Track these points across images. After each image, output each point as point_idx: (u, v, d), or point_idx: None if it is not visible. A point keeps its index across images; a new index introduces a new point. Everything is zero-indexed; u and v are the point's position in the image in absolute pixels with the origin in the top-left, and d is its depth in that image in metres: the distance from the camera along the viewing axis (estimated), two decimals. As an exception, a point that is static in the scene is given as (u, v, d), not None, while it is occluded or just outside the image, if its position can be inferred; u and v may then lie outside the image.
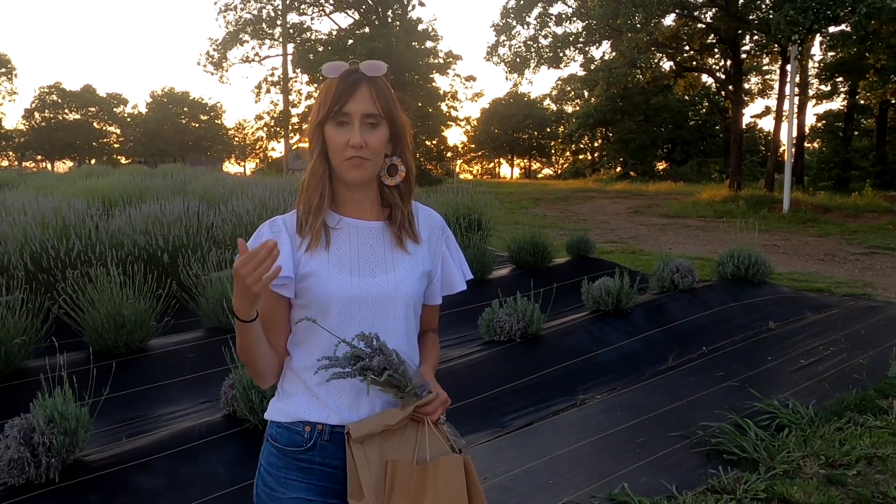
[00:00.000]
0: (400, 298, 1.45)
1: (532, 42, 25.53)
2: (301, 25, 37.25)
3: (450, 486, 1.37)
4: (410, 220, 1.51)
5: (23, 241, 5.77)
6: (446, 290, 1.58)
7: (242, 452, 3.27)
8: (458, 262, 1.60)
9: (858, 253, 10.99)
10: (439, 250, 1.56)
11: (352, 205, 1.48)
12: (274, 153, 53.66)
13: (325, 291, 1.41)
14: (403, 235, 1.49)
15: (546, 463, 3.44)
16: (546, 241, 7.45)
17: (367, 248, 1.46)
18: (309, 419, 1.43)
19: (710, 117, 47.44)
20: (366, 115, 1.40)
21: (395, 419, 1.39)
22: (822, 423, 3.85)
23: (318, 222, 1.43)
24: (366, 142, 1.39)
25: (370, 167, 1.43)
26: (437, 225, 1.57)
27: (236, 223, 7.12)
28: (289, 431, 1.45)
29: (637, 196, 23.87)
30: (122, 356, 4.48)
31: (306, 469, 1.43)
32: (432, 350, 1.59)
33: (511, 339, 4.88)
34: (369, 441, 1.38)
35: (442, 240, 1.57)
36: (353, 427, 1.38)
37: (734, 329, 5.61)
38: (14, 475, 2.84)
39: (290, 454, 1.44)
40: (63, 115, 60.18)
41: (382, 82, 1.44)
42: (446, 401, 1.45)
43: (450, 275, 1.58)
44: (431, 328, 1.64)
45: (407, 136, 1.49)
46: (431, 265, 1.53)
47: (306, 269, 1.42)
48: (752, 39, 25.17)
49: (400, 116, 1.45)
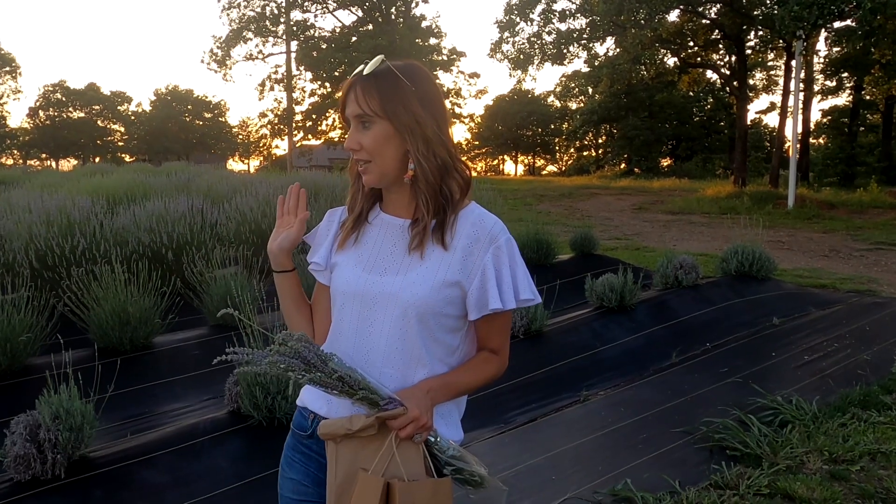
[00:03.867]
0: (400, 302, 1.36)
1: (536, 38, 25.51)
2: (304, 23, 37.24)
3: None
4: (442, 225, 1.39)
5: (28, 239, 5.79)
6: (474, 308, 1.39)
7: (247, 448, 3.28)
8: (500, 279, 1.38)
9: (863, 249, 10.96)
10: (479, 262, 1.38)
11: (389, 202, 1.49)
12: (278, 151, 53.69)
13: (336, 283, 1.48)
14: (426, 238, 1.38)
15: (549, 459, 3.45)
16: (550, 237, 7.46)
17: (390, 245, 1.44)
18: (310, 407, 1.49)
19: (714, 113, 47.29)
20: (357, 117, 1.39)
21: (357, 425, 1.33)
22: (825, 418, 3.84)
23: (351, 218, 1.50)
24: (360, 143, 1.39)
25: (374, 169, 1.40)
26: (483, 234, 1.40)
27: (240, 221, 7.14)
28: (299, 415, 1.53)
29: (641, 193, 23.83)
30: (127, 353, 4.50)
31: (307, 454, 1.49)
32: (460, 369, 1.44)
33: (514, 335, 4.88)
34: (345, 444, 1.35)
35: (487, 251, 1.39)
36: (322, 423, 1.40)
37: (738, 325, 5.60)
38: (20, 471, 2.85)
39: (298, 437, 1.52)
40: (67, 113, 60.29)
41: (375, 79, 1.37)
42: (418, 419, 1.30)
43: (484, 290, 1.38)
44: (486, 346, 1.47)
45: (420, 131, 1.36)
46: (462, 276, 1.38)
47: (335, 259, 1.50)
48: (756, 35, 25.10)
49: (402, 111, 1.35)
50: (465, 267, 1.38)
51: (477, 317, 1.40)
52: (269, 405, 3.32)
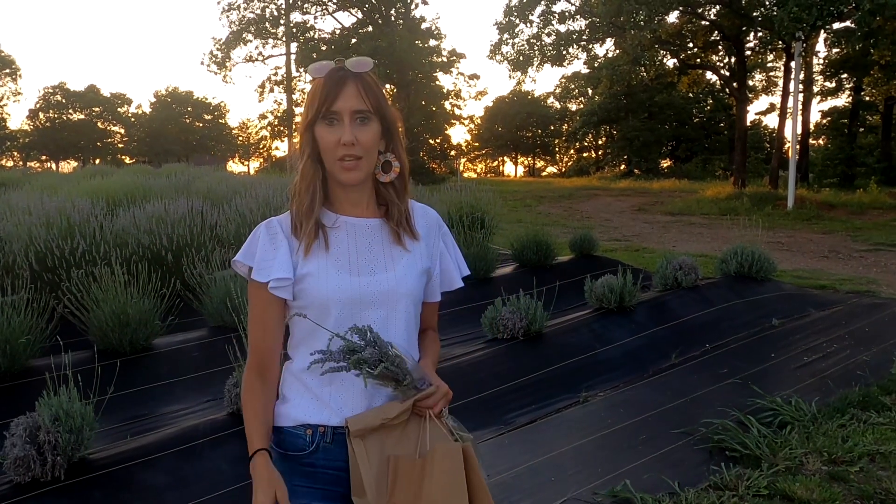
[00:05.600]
0: (401, 296, 1.43)
1: (535, 40, 25.52)
2: (304, 24, 37.27)
3: (447, 475, 1.34)
4: (408, 217, 1.49)
5: (28, 241, 5.79)
6: (444, 287, 1.57)
7: (246, 450, 3.28)
8: (456, 259, 1.58)
9: (863, 250, 10.96)
10: (437, 247, 1.54)
11: (348, 203, 1.46)
12: (278, 152, 53.72)
13: (324, 293, 1.39)
14: (401, 232, 1.47)
15: (549, 460, 3.45)
16: (549, 239, 7.45)
17: (365, 245, 1.45)
18: (310, 421, 1.42)
19: (714, 114, 47.29)
20: (355, 112, 1.38)
21: (394, 412, 1.38)
22: (824, 419, 3.85)
23: (311, 224, 1.41)
24: (357, 138, 1.38)
25: (364, 165, 1.40)
26: (433, 222, 1.55)
27: (240, 222, 7.14)
28: (291, 436, 1.44)
29: (641, 194, 23.84)
30: (126, 355, 4.50)
31: (310, 473, 1.42)
32: (432, 346, 1.58)
33: (514, 336, 4.88)
34: (370, 437, 1.37)
35: (439, 236, 1.55)
36: (352, 421, 1.38)
37: (737, 326, 5.60)
38: (20, 473, 2.85)
39: (294, 459, 1.43)
40: (67, 115, 60.30)
41: (370, 78, 1.41)
42: (447, 393, 1.43)
43: (448, 272, 1.56)
44: (431, 326, 1.62)
45: (398, 132, 1.46)
46: (430, 262, 1.52)
47: (304, 270, 1.41)
48: (756, 36, 25.10)
49: (390, 111, 1.43)
50: (430, 254, 1.52)
51: (439, 298, 1.57)
52: (268, 407, 3.32)
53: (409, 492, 1.35)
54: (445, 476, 1.35)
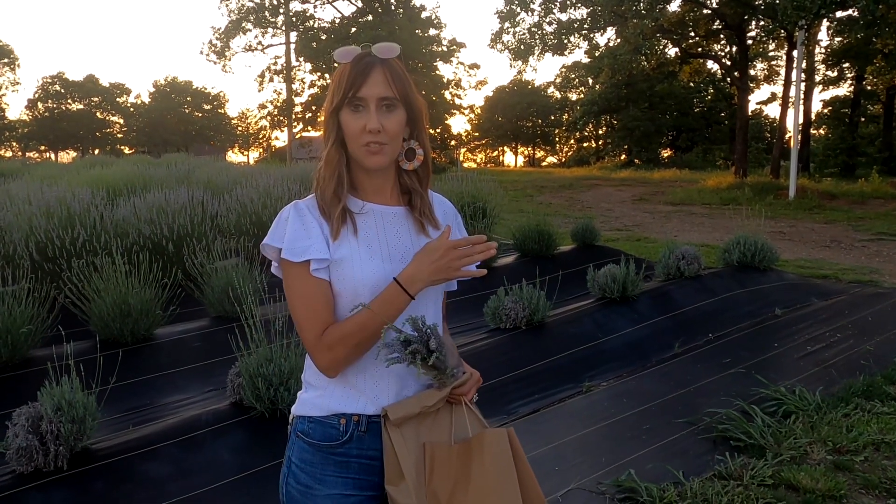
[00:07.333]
0: None
1: (536, 29, 25.43)
2: (304, 13, 37.12)
3: (497, 460, 1.36)
4: (430, 206, 1.50)
5: (28, 231, 5.77)
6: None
7: (249, 440, 3.28)
8: None
9: (865, 239, 10.94)
10: (455, 237, 1.51)
11: (372, 191, 1.45)
12: (277, 142, 53.67)
13: (357, 277, 1.37)
14: (425, 221, 1.47)
15: (552, 450, 3.44)
16: (551, 228, 7.43)
17: (393, 233, 1.43)
18: (345, 411, 1.40)
19: (715, 104, 47.16)
20: (381, 99, 1.36)
21: (432, 400, 1.38)
22: (829, 409, 3.84)
23: (338, 210, 1.39)
24: (383, 126, 1.36)
25: (388, 151, 1.39)
26: (450, 211, 1.57)
27: (241, 212, 7.12)
28: (322, 425, 1.41)
29: (642, 184, 23.79)
30: (128, 345, 4.49)
31: (343, 463, 1.39)
32: (448, 335, 1.58)
33: (517, 326, 4.87)
34: (406, 425, 1.36)
35: (456, 227, 1.55)
36: (391, 409, 1.36)
37: (740, 316, 5.59)
38: (22, 463, 2.85)
39: (326, 449, 1.40)
40: (66, 105, 60.20)
41: (396, 64, 1.40)
42: (479, 380, 1.47)
43: None
44: (443, 314, 1.60)
45: (423, 119, 1.45)
46: None
47: (336, 255, 1.38)
48: (758, 25, 25.00)
49: (416, 99, 1.42)
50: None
51: (455, 287, 1.55)
52: (271, 396, 3.32)
53: (450, 477, 1.35)
54: (496, 461, 1.36)
